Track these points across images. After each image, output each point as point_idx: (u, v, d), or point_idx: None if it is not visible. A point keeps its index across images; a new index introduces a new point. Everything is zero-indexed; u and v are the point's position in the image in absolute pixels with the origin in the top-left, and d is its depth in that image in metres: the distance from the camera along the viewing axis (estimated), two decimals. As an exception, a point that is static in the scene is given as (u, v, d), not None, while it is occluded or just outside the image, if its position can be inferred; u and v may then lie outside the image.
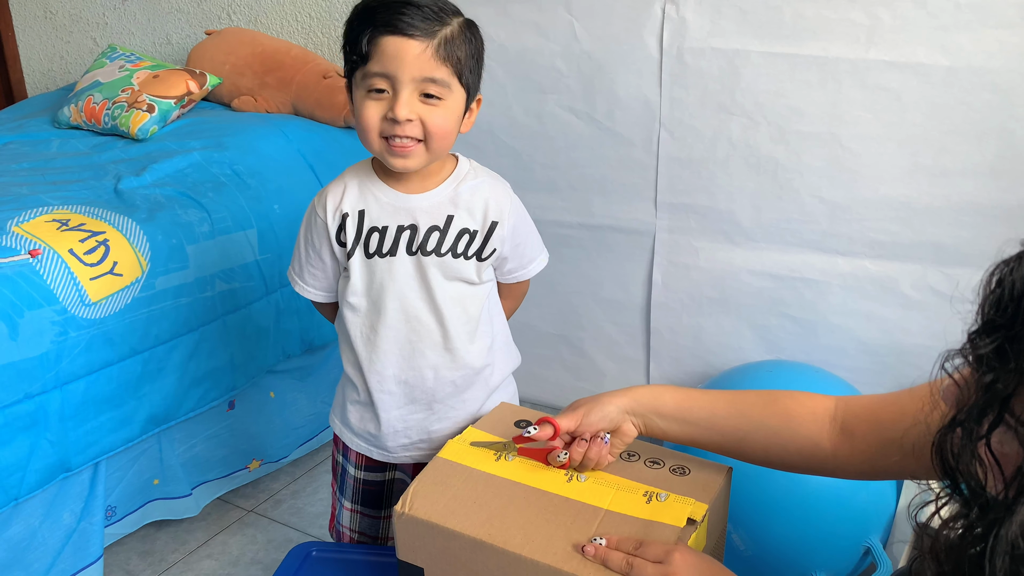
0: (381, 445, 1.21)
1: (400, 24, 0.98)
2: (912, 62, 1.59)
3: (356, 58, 1.02)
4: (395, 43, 0.99)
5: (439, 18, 1.01)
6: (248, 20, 2.37)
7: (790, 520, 1.47)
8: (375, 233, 1.10)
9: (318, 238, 1.14)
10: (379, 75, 1.00)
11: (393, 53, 0.99)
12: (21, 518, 1.44)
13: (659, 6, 1.77)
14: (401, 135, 1.02)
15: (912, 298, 1.70)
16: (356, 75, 1.03)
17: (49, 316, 1.41)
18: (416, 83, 1.00)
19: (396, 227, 1.10)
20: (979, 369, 0.60)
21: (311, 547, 1.23)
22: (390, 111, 1.01)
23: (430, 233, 1.09)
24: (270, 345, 1.83)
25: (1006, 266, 0.60)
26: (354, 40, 1.02)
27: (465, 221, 1.10)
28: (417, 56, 0.99)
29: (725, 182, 1.80)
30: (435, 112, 1.02)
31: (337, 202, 1.12)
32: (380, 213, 1.10)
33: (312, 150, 2.02)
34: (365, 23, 1.00)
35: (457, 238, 1.10)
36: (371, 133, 1.03)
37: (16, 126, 2.18)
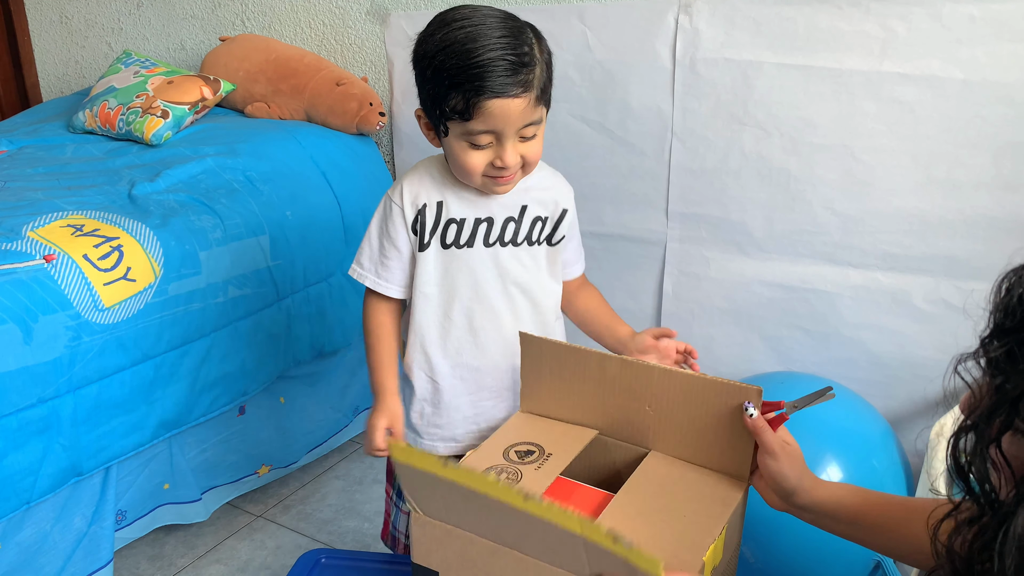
0: (450, 436, 1.23)
1: (507, 88, 1.00)
2: (926, 75, 1.58)
3: (454, 114, 1.02)
4: (501, 105, 1.01)
5: (530, 61, 1.02)
6: (262, 27, 2.38)
7: (800, 534, 1.46)
8: (453, 224, 1.14)
9: (394, 228, 1.15)
10: (484, 132, 1.03)
11: (500, 114, 1.01)
12: (33, 522, 1.44)
13: (672, 16, 1.77)
14: (506, 175, 1.07)
15: (924, 311, 1.69)
16: (452, 126, 1.04)
17: (63, 321, 1.42)
18: (519, 131, 1.05)
19: (474, 219, 1.14)
20: (990, 372, 0.61)
21: (320, 553, 1.23)
22: (497, 159, 1.05)
23: (507, 224, 1.15)
24: (281, 351, 1.83)
25: (1015, 274, 0.61)
26: (447, 96, 1.02)
27: (537, 210, 1.16)
28: (522, 112, 1.03)
29: (737, 193, 1.80)
30: (533, 145, 1.07)
31: (415, 192, 1.14)
32: (459, 205, 1.13)
33: (325, 157, 2.03)
34: (463, 85, 1.00)
35: (531, 226, 1.16)
36: (475, 176, 1.08)
37: (31, 130, 2.20)
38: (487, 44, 1.00)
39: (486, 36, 1.00)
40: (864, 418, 1.58)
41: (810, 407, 1.08)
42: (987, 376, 0.62)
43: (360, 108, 2.09)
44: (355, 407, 2.08)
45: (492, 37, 1.00)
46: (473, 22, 1.01)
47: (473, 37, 1.00)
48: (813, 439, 1.51)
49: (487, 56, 0.99)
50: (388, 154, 2.26)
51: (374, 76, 2.23)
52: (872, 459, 1.51)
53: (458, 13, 1.04)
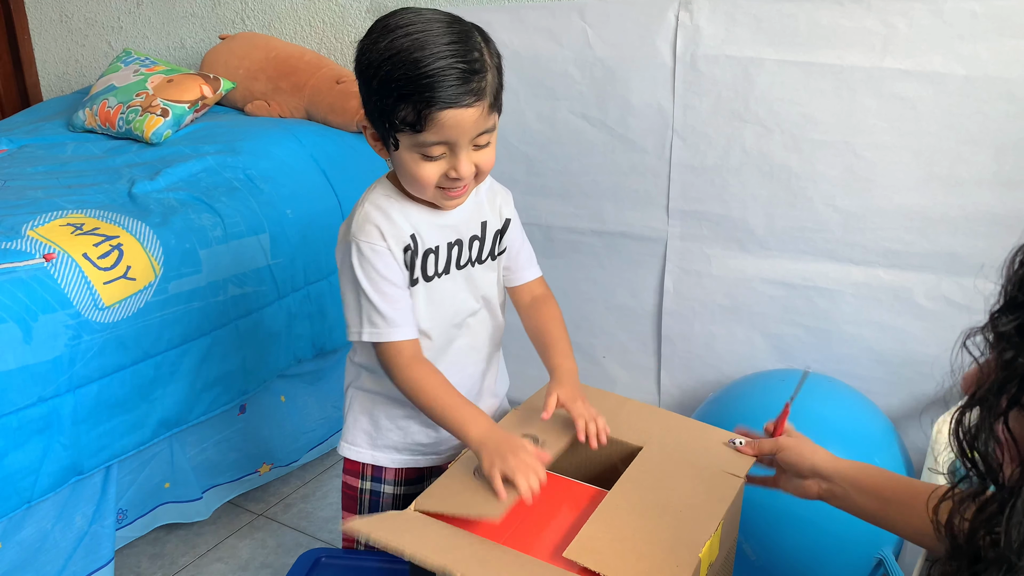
0: (434, 450, 1.21)
1: (459, 98, 0.95)
2: (928, 71, 1.58)
3: (404, 126, 0.97)
4: (453, 115, 0.96)
5: (481, 68, 0.98)
6: (262, 25, 2.37)
7: (802, 530, 1.46)
8: (431, 255, 1.10)
9: (387, 268, 1.06)
10: (437, 143, 0.99)
11: (453, 124, 0.97)
12: (33, 521, 1.44)
13: (673, 13, 1.76)
14: (460, 185, 1.03)
15: (926, 308, 1.69)
16: (402, 138, 0.99)
17: (63, 320, 1.42)
18: (472, 140, 1.01)
19: (446, 245, 1.11)
20: (1000, 347, 0.61)
21: (320, 552, 1.23)
22: (451, 170, 1.01)
23: (472, 242, 1.13)
24: (281, 349, 1.83)
25: None
26: (395, 108, 0.97)
27: (494, 222, 1.15)
28: (475, 121, 0.99)
29: (738, 190, 1.79)
30: (486, 153, 1.04)
31: (392, 228, 1.06)
32: (430, 234, 1.09)
33: (325, 155, 2.02)
34: (412, 96, 0.95)
35: (494, 240, 1.16)
36: (428, 188, 1.03)
37: (32, 129, 2.19)
38: (436, 52, 0.95)
39: (433, 43, 0.95)
40: (866, 415, 1.58)
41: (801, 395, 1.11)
42: (996, 351, 0.62)
43: (360, 106, 2.09)
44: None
45: (440, 44, 0.95)
46: (418, 28, 0.96)
47: (420, 44, 0.95)
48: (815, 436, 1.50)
49: (436, 65, 0.94)
50: (388, 152, 2.26)
51: (374, 74, 2.23)
52: (874, 456, 1.51)
53: (401, 18, 0.98)
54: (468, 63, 0.96)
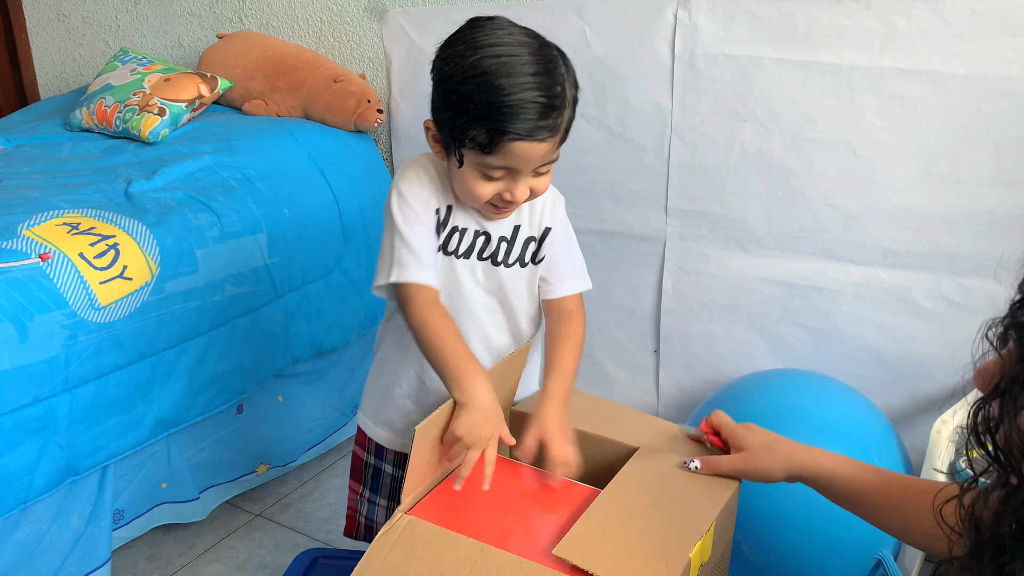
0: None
1: (535, 132, 0.96)
2: (927, 70, 1.57)
3: (474, 144, 0.98)
4: (525, 148, 0.97)
5: (561, 104, 0.98)
6: (259, 24, 2.37)
7: (800, 530, 1.46)
8: (456, 233, 1.11)
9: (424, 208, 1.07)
10: (501, 168, 1.00)
11: (522, 155, 0.98)
12: (29, 521, 1.44)
13: (671, 12, 1.76)
14: (511, 206, 1.05)
15: (926, 308, 1.68)
16: (468, 154, 1.00)
17: (59, 320, 1.41)
18: (535, 169, 1.02)
19: (474, 231, 1.11)
20: (1022, 338, 0.60)
21: (317, 552, 1.23)
22: (507, 192, 1.02)
23: (500, 244, 1.12)
24: (279, 349, 1.82)
25: None
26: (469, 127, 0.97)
27: (528, 230, 1.14)
28: (543, 154, 1.00)
29: (737, 189, 1.79)
30: (544, 180, 1.04)
31: (432, 187, 1.09)
32: (462, 214, 1.11)
33: (322, 154, 2.02)
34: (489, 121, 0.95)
35: (524, 247, 1.14)
36: (479, 203, 1.05)
37: (28, 128, 2.19)
38: (521, 82, 0.94)
39: (520, 72, 0.95)
40: (865, 415, 1.58)
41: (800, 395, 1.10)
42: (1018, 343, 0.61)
43: (358, 105, 2.08)
44: (354, 405, 2.07)
45: (526, 74, 0.95)
46: (507, 50, 0.96)
47: (507, 70, 0.94)
48: (814, 436, 1.50)
49: (519, 96, 0.94)
50: (386, 151, 2.25)
51: (372, 73, 2.22)
52: (873, 456, 1.51)
53: (490, 35, 0.98)
54: (550, 98, 0.96)
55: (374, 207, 2.05)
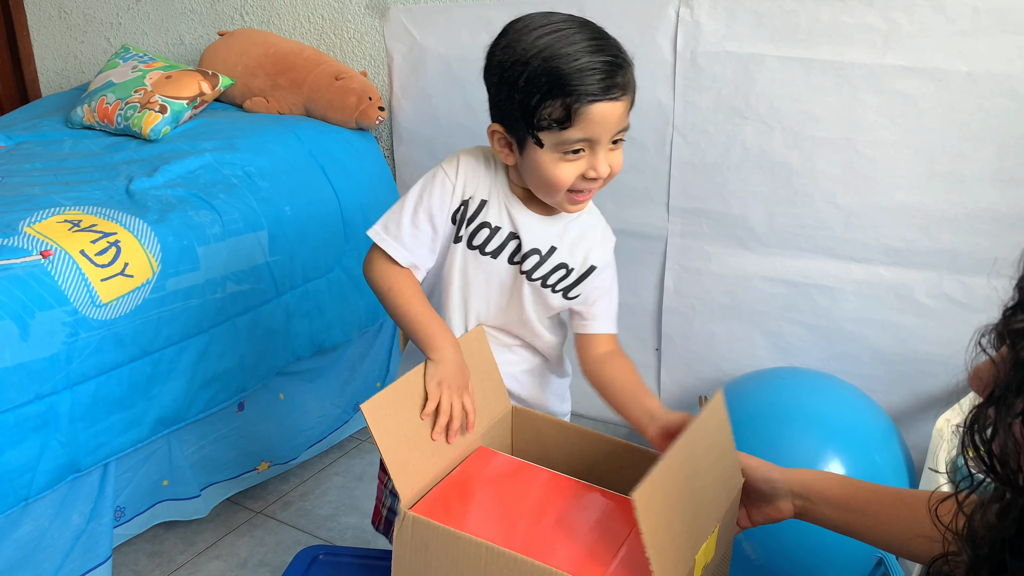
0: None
1: (610, 91, 0.95)
2: (930, 67, 1.57)
3: (551, 123, 0.96)
4: (603, 109, 0.96)
5: (625, 63, 0.98)
6: (261, 21, 2.37)
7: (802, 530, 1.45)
8: (486, 228, 1.09)
9: (439, 200, 1.08)
10: (582, 140, 0.98)
11: (600, 119, 0.96)
12: (31, 518, 1.44)
13: (673, 9, 1.76)
14: (592, 187, 1.02)
15: (927, 306, 1.68)
16: (545, 136, 0.98)
17: (60, 317, 1.41)
18: (613, 137, 1.00)
19: (508, 232, 1.09)
20: (1015, 344, 0.59)
21: (318, 550, 1.22)
22: (590, 170, 1.00)
23: (530, 254, 1.10)
24: (280, 347, 1.82)
25: None
26: (542, 104, 0.96)
27: (564, 256, 1.10)
28: (620, 115, 0.98)
29: (738, 187, 1.78)
30: (618, 154, 1.02)
31: (468, 179, 1.08)
32: (499, 213, 1.09)
33: (323, 152, 2.02)
34: (563, 90, 0.94)
35: (553, 270, 1.10)
36: (560, 191, 1.02)
37: (30, 126, 2.19)
38: (583, 47, 0.95)
39: (578, 40, 0.96)
40: (866, 413, 1.57)
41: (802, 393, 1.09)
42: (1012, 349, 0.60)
43: (359, 103, 2.08)
44: (355, 403, 2.07)
45: (584, 40, 0.96)
46: (558, 27, 0.97)
47: (568, 40, 0.95)
48: (815, 435, 1.50)
49: (586, 59, 0.94)
50: (388, 149, 2.25)
51: (373, 70, 2.22)
52: (874, 455, 1.51)
53: (535, 20, 0.99)
54: (615, 56, 0.97)
55: (375, 205, 2.05)
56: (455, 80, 2.04)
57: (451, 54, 2.02)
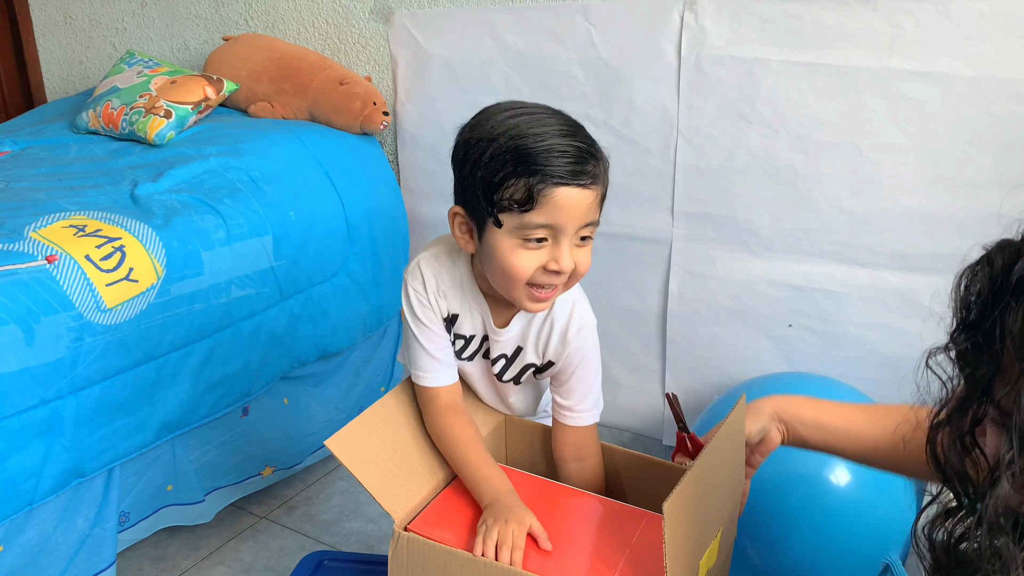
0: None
1: (577, 177, 0.91)
2: (935, 71, 1.56)
3: (511, 203, 0.91)
4: (568, 195, 0.91)
5: (597, 154, 0.94)
6: (265, 26, 2.37)
7: (807, 534, 1.45)
8: (461, 339, 1.10)
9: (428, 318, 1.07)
10: (543, 226, 0.92)
11: (565, 205, 0.91)
12: (35, 523, 1.44)
13: (677, 14, 1.76)
14: (553, 283, 0.96)
15: (933, 311, 1.67)
16: (505, 220, 0.93)
17: (65, 322, 1.41)
18: (578, 231, 0.94)
19: (481, 338, 1.09)
20: (960, 365, 0.65)
21: (323, 555, 1.22)
22: (552, 261, 0.93)
23: (498, 359, 1.10)
24: (284, 352, 1.82)
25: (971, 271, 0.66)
26: (504, 183, 0.91)
27: (531, 357, 1.09)
28: (587, 207, 0.93)
29: (743, 191, 1.78)
30: (585, 253, 0.97)
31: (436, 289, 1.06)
32: (470, 323, 1.08)
33: (328, 156, 2.02)
34: (527, 169, 0.90)
35: (522, 371, 1.10)
36: (519, 282, 0.95)
37: (35, 131, 2.19)
38: (554, 130, 0.91)
39: (549, 123, 0.92)
40: (872, 419, 1.57)
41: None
42: (957, 369, 0.65)
43: (364, 107, 2.08)
44: (359, 408, 2.07)
45: (556, 124, 0.93)
46: (529, 110, 0.94)
47: (537, 121, 0.92)
48: (821, 440, 1.49)
49: (555, 140, 0.90)
50: (392, 154, 2.25)
51: (378, 75, 2.22)
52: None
53: (507, 104, 0.97)
54: (587, 145, 0.93)
55: (380, 210, 2.05)
56: (459, 85, 2.04)
57: (455, 59, 2.02)
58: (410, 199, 2.21)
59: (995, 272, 0.62)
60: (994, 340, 0.60)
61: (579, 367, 1.07)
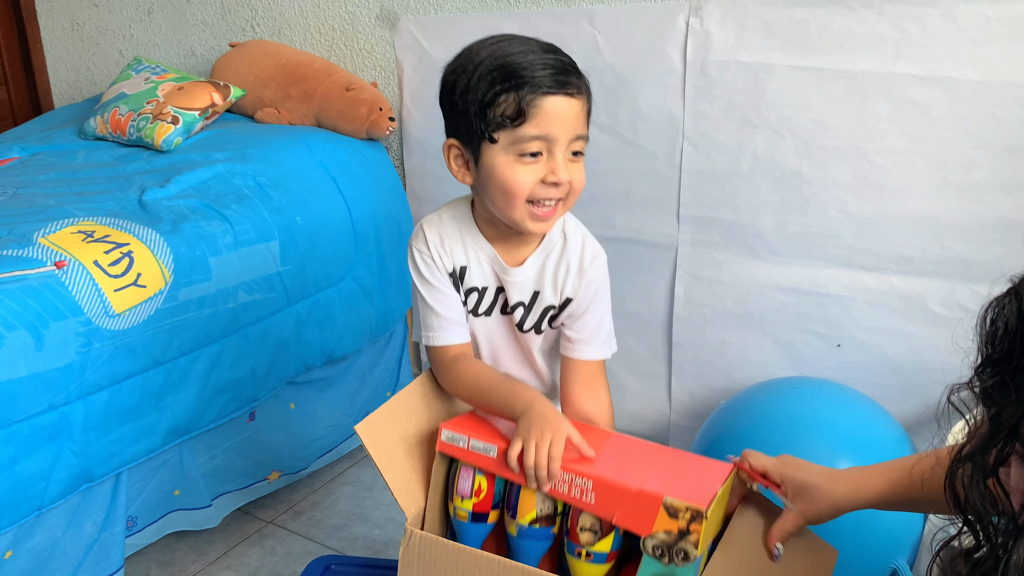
0: None
1: (563, 86, 0.95)
2: (941, 76, 1.57)
3: (504, 119, 0.95)
4: (557, 104, 0.95)
5: (578, 70, 0.99)
6: (272, 32, 2.38)
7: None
8: (475, 292, 1.09)
9: (431, 272, 1.07)
10: (537, 138, 0.95)
11: (555, 114, 0.95)
12: (44, 528, 1.44)
13: (683, 19, 1.76)
14: (554, 198, 0.98)
15: (940, 315, 1.67)
16: (499, 137, 0.96)
17: (74, 327, 1.42)
18: (570, 143, 0.97)
19: (495, 289, 1.09)
20: (984, 402, 0.62)
21: (329, 560, 1.22)
22: (549, 174, 0.96)
23: (516, 307, 1.09)
24: (291, 356, 1.83)
25: (998, 304, 0.63)
26: (495, 101, 0.95)
27: (549, 299, 1.08)
28: (576, 117, 0.96)
29: (749, 196, 1.78)
30: (579, 168, 1.00)
31: (440, 246, 1.06)
32: (479, 273, 1.08)
33: (334, 162, 2.02)
34: (515, 82, 0.94)
35: (542, 316, 1.09)
36: (519, 199, 0.97)
37: (43, 137, 2.20)
38: (533, 47, 0.97)
39: (528, 43, 0.98)
40: (879, 424, 1.57)
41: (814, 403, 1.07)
42: (982, 406, 0.62)
43: (370, 113, 2.09)
44: (365, 412, 2.06)
45: (534, 43, 0.98)
46: (506, 37, 0.99)
47: (517, 43, 0.97)
48: (828, 445, 1.49)
49: (537, 55, 0.95)
50: (398, 159, 2.26)
51: (384, 81, 2.23)
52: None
53: (484, 38, 1.00)
54: (567, 60, 0.98)
55: (386, 215, 2.06)
56: (465, 90, 2.04)
57: (461, 64, 2.03)
58: (416, 204, 2.21)
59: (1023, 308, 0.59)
60: (1022, 382, 0.58)
61: (593, 299, 1.08)
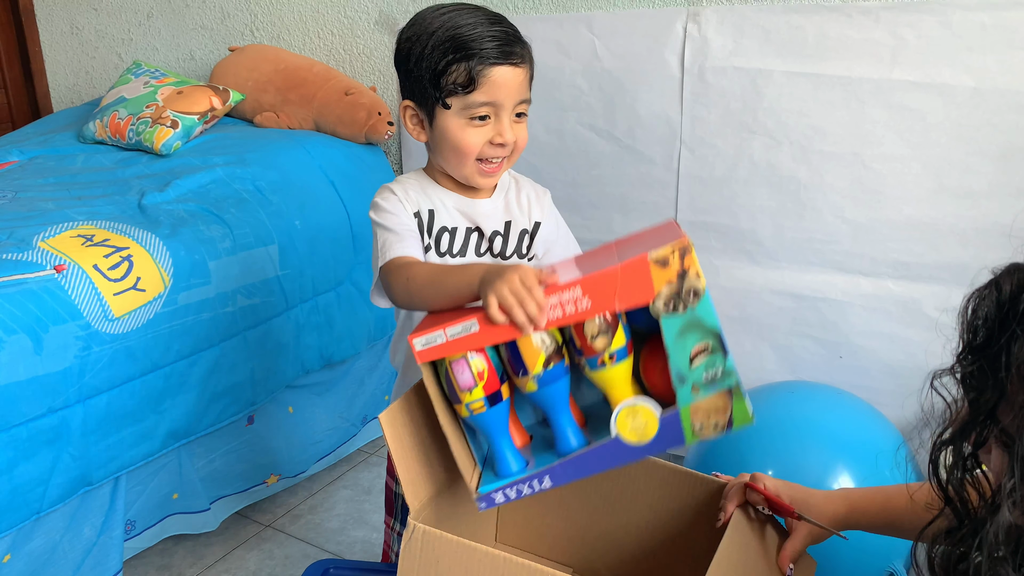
0: None
1: (508, 57, 1.04)
2: (937, 82, 1.58)
3: (456, 87, 1.04)
4: (503, 73, 1.04)
5: (521, 39, 1.07)
6: (271, 37, 2.39)
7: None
8: (445, 233, 1.13)
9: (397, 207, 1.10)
10: (486, 104, 1.05)
11: (502, 83, 1.04)
12: (42, 532, 1.44)
13: (681, 25, 1.77)
14: (500, 156, 1.08)
15: (936, 320, 1.68)
16: (452, 103, 1.05)
17: (73, 331, 1.42)
18: (515, 107, 1.07)
19: (465, 228, 1.13)
20: (964, 388, 0.66)
21: (328, 564, 1.22)
22: (496, 135, 1.06)
23: (494, 237, 1.14)
24: (289, 360, 1.83)
25: (978, 295, 0.67)
26: (447, 70, 1.04)
27: (522, 223, 1.16)
28: (520, 84, 1.06)
29: (746, 201, 1.79)
30: (522, 128, 1.10)
31: (408, 191, 1.12)
32: (447, 215, 1.13)
33: (333, 166, 2.03)
34: (466, 53, 1.03)
35: (519, 240, 1.16)
36: (469, 157, 1.07)
37: (42, 141, 2.21)
38: (480, 19, 1.05)
39: (477, 14, 1.05)
40: (876, 428, 1.57)
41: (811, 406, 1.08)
42: (962, 392, 0.65)
43: (369, 117, 2.10)
44: (363, 416, 2.08)
45: (482, 16, 1.06)
46: (457, 7, 1.07)
47: (466, 14, 1.05)
48: (825, 449, 1.50)
49: (483, 28, 1.04)
50: (397, 163, 2.26)
51: (383, 86, 2.24)
52: (884, 468, 1.50)
53: (435, 6, 1.08)
54: (511, 31, 1.07)
55: (384, 219, 2.06)
56: (464, 95, 2.05)
57: (460, 69, 2.04)
58: (414, 208, 2.22)
59: (1002, 298, 0.62)
60: (999, 367, 0.61)
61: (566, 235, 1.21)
